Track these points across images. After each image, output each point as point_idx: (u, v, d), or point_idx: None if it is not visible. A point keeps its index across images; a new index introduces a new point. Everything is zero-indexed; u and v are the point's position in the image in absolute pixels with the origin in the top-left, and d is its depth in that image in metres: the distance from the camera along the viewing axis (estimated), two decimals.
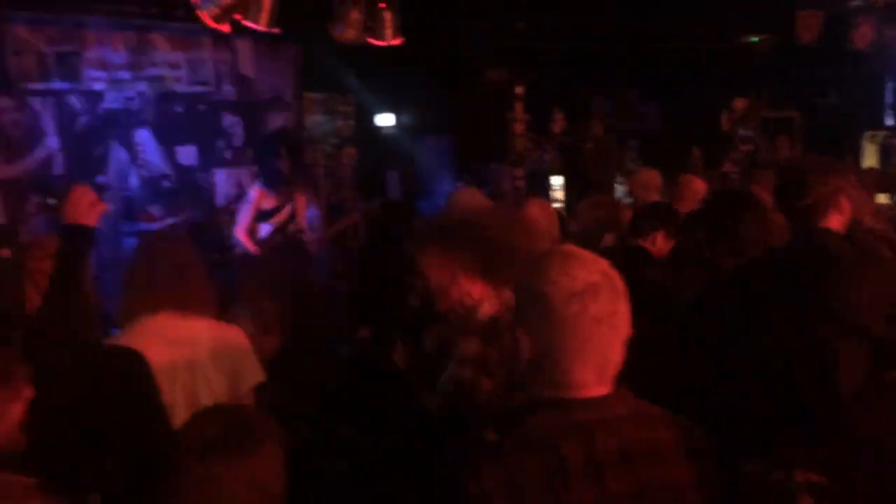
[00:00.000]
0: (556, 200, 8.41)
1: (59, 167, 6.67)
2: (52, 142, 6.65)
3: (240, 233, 5.23)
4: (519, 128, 8.31)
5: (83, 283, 2.05)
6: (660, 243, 3.73)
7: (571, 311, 1.35)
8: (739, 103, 8.94)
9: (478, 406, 2.18)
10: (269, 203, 5.25)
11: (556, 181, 8.63)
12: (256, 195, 5.27)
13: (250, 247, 5.15)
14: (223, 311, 2.51)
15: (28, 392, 1.38)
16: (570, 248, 1.47)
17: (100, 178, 6.78)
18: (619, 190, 7.93)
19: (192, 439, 1.48)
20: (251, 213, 5.22)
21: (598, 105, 9.62)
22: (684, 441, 1.44)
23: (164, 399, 2.15)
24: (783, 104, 9.01)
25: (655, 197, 4.86)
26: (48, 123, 6.63)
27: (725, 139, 9.06)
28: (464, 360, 2.22)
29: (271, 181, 5.27)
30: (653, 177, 5.14)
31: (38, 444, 1.36)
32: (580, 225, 4.57)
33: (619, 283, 1.40)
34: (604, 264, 1.42)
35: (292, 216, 5.29)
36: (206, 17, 3.96)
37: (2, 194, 6.32)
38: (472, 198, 3.81)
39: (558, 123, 9.11)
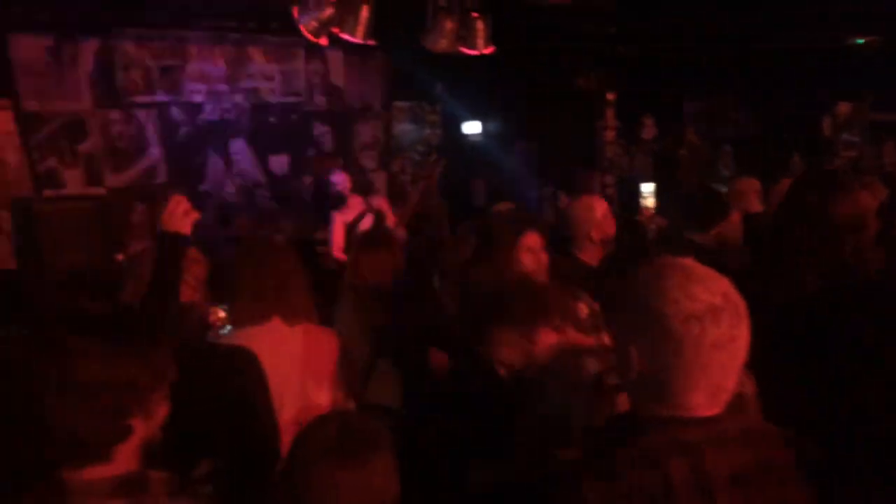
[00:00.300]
0: (647, 208, 8.24)
1: (161, 176, 6.99)
2: (156, 152, 6.97)
3: (337, 253, 5.51)
4: (610, 135, 8.19)
5: (178, 287, 2.10)
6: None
7: (690, 334, 1.28)
8: (843, 107, 8.54)
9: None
10: (349, 216, 5.49)
11: (647, 188, 8.46)
12: (336, 216, 5.59)
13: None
14: (323, 317, 2.56)
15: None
16: (690, 263, 1.38)
17: (199, 187, 7.08)
18: None
19: (310, 445, 1.51)
20: (341, 232, 5.49)
21: (691, 110, 9.38)
22: (798, 460, 1.37)
23: (273, 404, 2.20)
24: (892, 107, 8.55)
25: (755, 204, 4.69)
26: (152, 134, 6.95)
27: (827, 145, 8.67)
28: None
29: (335, 205, 5.66)
30: (752, 184, 4.97)
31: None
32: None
33: (740, 305, 1.32)
34: (725, 284, 1.33)
35: (378, 219, 5.43)
36: (305, 30, 4.05)
37: (111, 202, 6.66)
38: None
39: (648, 130, 8.94)
